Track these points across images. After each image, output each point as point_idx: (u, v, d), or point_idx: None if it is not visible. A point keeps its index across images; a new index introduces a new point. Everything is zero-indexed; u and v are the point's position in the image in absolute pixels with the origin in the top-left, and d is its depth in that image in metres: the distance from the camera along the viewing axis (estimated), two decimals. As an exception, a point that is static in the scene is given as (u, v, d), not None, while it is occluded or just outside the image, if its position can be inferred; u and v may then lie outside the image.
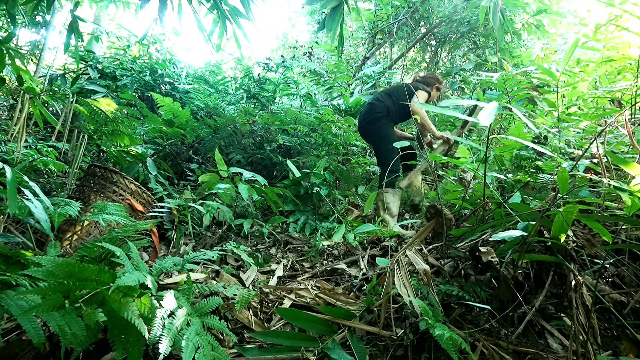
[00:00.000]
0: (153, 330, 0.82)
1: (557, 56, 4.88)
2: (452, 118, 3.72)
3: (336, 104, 4.31)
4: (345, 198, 2.83)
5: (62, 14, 4.06)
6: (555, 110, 2.53)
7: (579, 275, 1.15)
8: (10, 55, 2.14)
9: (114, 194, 2.12)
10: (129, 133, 2.66)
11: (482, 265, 1.31)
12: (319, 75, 4.68)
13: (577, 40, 2.28)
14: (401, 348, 1.13)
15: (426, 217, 1.61)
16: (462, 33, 4.81)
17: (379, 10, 5.05)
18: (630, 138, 1.43)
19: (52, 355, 1.04)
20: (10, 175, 1.07)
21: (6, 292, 0.85)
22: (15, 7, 2.19)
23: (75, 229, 1.92)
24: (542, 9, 4.18)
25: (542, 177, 1.70)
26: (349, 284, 1.67)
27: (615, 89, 2.43)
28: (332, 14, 2.25)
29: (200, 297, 1.31)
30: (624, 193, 1.06)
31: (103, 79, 3.95)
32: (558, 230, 1.09)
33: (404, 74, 5.46)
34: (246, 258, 1.72)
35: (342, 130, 3.32)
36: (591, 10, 5.35)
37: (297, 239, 2.42)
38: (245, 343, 1.26)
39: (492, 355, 1.04)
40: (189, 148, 3.70)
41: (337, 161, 3.10)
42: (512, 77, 2.51)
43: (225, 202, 2.43)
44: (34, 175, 2.54)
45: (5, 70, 2.43)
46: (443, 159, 1.55)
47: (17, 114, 2.20)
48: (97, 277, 0.88)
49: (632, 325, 1.13)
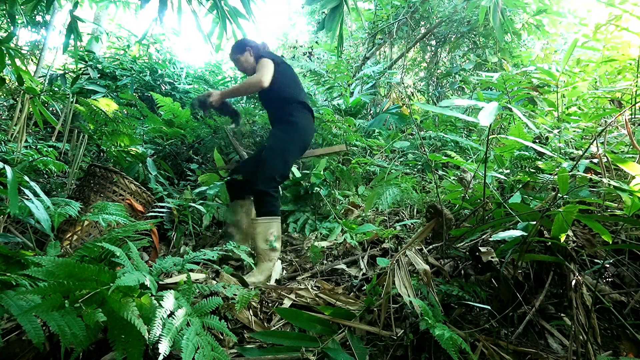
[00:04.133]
0: (153, 330, 0.82)
1: (557, 56, 4.88)
2: (452, 118, 3.72)
3: (336, 104, 4.31)
4: (345, 198, 2.83)
5: (62, 14, 4.06)
6: (555, 110, 2.53)
7: (579, 275, 1.15)
8: (10, 55, 2.14)
9: (114, 194, 2.12)
10: (129, 133, 2.66)
11: (482, 265, 1.31)
12: (319, 75, 4.68)
13: (576, 40, 2.29)
14: (401, 348, 1.13)
15: (426, 217, 1.61)
16: (462, 33, 4.81)
17: (379, 10, 5.05)
18: (631, 138, 1.43)
19: (52, 355, 1.04)
20: (11, 175, 1.07)
21: (6, 292, 0.85)
22: (15, 7, 2.19)
23: (75, 229, 1.92)
24: (542, 9, 4.18)
25: (542, 177, 1.70)
26: (349, 284, 1.67)
27: (615, 89, 2.43)
28: (331, 14, 2.25)
29: (200, 297, 1.31)
30: (624, 193, 1.06)
31: (103, 79, 3.95)
32: (558, 230, 1.09)
33: (404, 74, 5.46)
34: (246, 258, 1.72)
35: (342, 130, 3.32)
36: (591, 10, 5.35)
37: (297, 239, 2.42)
38: (245, 343, 1.26)
39: (492, 355, 1.04)
40: (189, 148, 3.70)
41: (337, 161, 3.10)
42: (512, 77, 2.50)
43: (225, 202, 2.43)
44: (34, 175, 2.54)
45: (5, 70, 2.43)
46: (443, 159, 1.55)
47: (17, 114, 2.20)
48: (97, 277, 0.88)
49: (632, 325, 1.13)
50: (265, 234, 1.96)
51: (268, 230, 1.97)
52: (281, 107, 2.23)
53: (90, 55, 3.99)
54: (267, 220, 1.99)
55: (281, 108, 2.23)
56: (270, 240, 1.95)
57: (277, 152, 2.11)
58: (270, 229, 1.97)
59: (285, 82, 2.24)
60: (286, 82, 2.25)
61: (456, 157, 2.02)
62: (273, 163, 2.08)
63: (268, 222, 1.99)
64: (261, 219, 1.99)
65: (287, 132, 2.18)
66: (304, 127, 2.23)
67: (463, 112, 3.95)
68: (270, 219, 2.00)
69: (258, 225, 1.99)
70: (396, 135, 3.67)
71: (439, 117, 3.85)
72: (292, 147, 2.18)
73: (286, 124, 2.20)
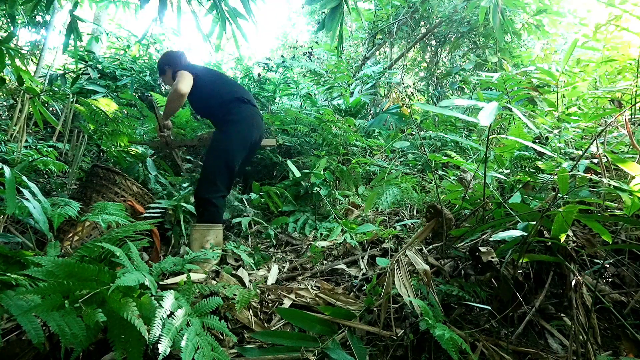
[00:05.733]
0: (153, 330, 0.82)
1: (557, 56, 4.88)
2: (452, 118, 3.72)
3: (336, 104, 4.31)
4: (345, 198, 2.82)
5: (62, 14, 4.06)
6: (555, 110, 2.53)
7: (579, 275, 1.15)
8: (10, 55, 2.14)
9: (116, 195, 2.12)
10: (129, 133, 2.66)
11: (482, 265, 1.31)
12: (319, 75, 4.68)
13: (576, 40, 2.29)
14: (401, 348, 1.13)
15: (426, 217, 1.61)
16: (462, 33, 4.81)
17: (379, 10, 5.05)
18: (631, 138, 1.43)
19: (52, 355, 1.04)
20: (9, 175, 1.07)
21: (6, 292, 0.85)
22: (15, 7, 2.19)
23: (76, 229, 1.92)
24: (542, 9, 4.18)
25: (542, 177, 1.70)
26: (349, 284, 1.67)
27: (615, 89, 2.43)
28: (331, 14, 2.25)
29: (200, 297, 1.31)
30: (624, 193, 1.06)
31: (103, 79, 3.95)
32: (558, 230, 1.09)
33: (404, 74, 5.46)
34: (246, 258, 1.72)
35: (342, 130, 3.32)
36: (591, 10, 5.35)
37: (297, 239, 2.42)
38: (245, 343, 1.26)
39: (492, 355, 1.04)
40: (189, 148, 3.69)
41: (337, 161, 3.10)
42: (512, 77, 2.50)
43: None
44: (34, 176, 2.54)
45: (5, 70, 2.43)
46: (443, 159, 1.55)
47: (17, 114, 2.20)
48: (97, 277, 0.88)
49: (632, 325, 1.13)
50: (201, 241, 1.89)
51: (204, 237, 1.89)
52: (217, 109, 2.17)
53: (90, 55, 3.99)
54: (204, 227, 1.92)
55: (217, 110, 2.16)
56: (205, 248, 1.86)
57: (216, 154, 2.03)
58: (207, 236, 1.90)
59: (211, 85, 2.18)
60: (211, 84, 2.18)
61: (456, 157, 2.02)
62: (213, 166, 2.01)
63: (206, 229, 1.92)
64: (199, 225, 1.93)
65: (226, 132, 2.10)
66: (245, 121, 2.14)
67: (463, 112, 3.95)
68: (208, 226, 1.93)
69: (195, 231, 1.91)
70: (396, 135, 3.67)
71: (439, 117, 3.84)
72: (232, 146, 2.06)
73: (225, 123, 2.12)
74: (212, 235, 1.92)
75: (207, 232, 1.92)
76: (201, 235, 1.90)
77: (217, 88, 2.20)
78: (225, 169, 2.02)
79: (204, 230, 1.92)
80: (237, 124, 2.11)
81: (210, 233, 1.92)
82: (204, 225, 1.94)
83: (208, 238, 1.90)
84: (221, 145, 2.06)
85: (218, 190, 2.00)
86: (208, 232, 1.92)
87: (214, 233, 1.93)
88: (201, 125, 3.62)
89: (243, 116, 2.14)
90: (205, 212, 1.96)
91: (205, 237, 1.90)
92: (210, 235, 1.91)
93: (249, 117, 2.17)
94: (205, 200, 1.95)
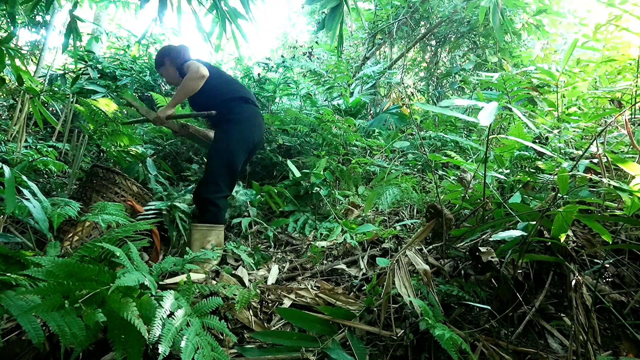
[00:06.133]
0: (153, 330, 0.82)
1: (557, 56, 4.88)
2: (452, 118, 3.72)
3: (336, 104, 4.31)
4: (345, 198, 2.83)
5: (62, 14, 4.07)
6: (555, 110, 2.53)
7: (579, 275, 1.15)
8: (10, 55, 2.14)
9: (116, 195, 2.12)
10: (129, 133, 2.66)
11: (482, 265, 1.31)
12: (319, 75, 4.68)
13: (576, 40, 2.29)
14: (401, 348, 1.13)
15: (426, 217, 1.61)
16: (462, 33, 4.81)
17: (379, 10, 5.05)
18: (631, 138, 1.43)
19: (52, 355, 1.04)
20: (9, 174, 1.07)
21: (6, 292, 0.85)
22: (15, 7, 2.19)
23: (76, 229, 1.92)
24: (542, 9, 4.18)
25: (542, 177, 1.70)
26: (349, 284, 1.67)
27: (615, 89, 2.43)
28: (331, 14, 2.25)
29: (200, 297, 1.31)
30: (624, 193, 1.06)
31: (103, 79, 3.95)
32: (558, 230, 1.09)
33: (404, 74, 5.46)
34: (246, 258, 1.72)
35: (342, 130, 3.32)
36: (591, 10, 5.36)
37: (297, 239, 2.42)
38: (245, 343, 1.26)
39: (492, 355, 1.04)
40: (189, 148, 3.69)
41: (337, 161, 3.10)
42: (512, 77, 2.50)
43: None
44: (34, 176, 2.54)
45: (5, 70, 2.43)
46: (443, 159, 1.55)
47: (17, 114, 2.20)
48: (97, 277, 0.88)
49: (632, 325, 1.13)
50: (202, 241, 1.87)
51: (206, 237, 1.88)
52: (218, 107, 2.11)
53: (90, 55, 3.99)
54: (206, 227, 1.90)
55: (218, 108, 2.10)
56: (206, 249, 1.83)
57: (217, 154, 2.00)
58: (208, 236, 1.89)
59: (215, 83, 2.12)
60: (216, 82, 2.13)
61: (456, 157, 2.02)
62: (215, 166, 1.99)
63: (207, 230, 1.90)
64: (200, 225, 1.91)
65: (228, 131, 2.05)
66: (247, 121, 2.10)
67: (463, 112, 3.95)
68: (210, 227, 1.91)
69: (196, 231, 1.89)
70: (396, 135, 3.67)
71: (439, 117, 3.85)
72: (234, 146, 2.03)
73: (227, 123, 2.07)
74: (214, 236, 1.91)
75: (208, 232, 1.91)
76: (202, 236, 1.89)
77: (219, 86, 2.15)
78: (227, 169, 2.00)
79: (206, 230, 1.91)
80: (239, 123, 2.08)
81: (211, 233, 1.91)
82: (205, 225, 1.92)
83: (209, 238, 1.89)
84: (222, 146, 2.04)
85: (220, 190, 1.98)
86: (209, 232, 1.91)
87: (215, 234, 1.92)
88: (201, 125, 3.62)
89: (245, 116, 2.11)
90: (207, 212, 1.94)
91: (207, 237, 1.89)
92: (211, 236, 1.90)
93: (251, 117, 2.15)
94: (207, 200, 1.94)
